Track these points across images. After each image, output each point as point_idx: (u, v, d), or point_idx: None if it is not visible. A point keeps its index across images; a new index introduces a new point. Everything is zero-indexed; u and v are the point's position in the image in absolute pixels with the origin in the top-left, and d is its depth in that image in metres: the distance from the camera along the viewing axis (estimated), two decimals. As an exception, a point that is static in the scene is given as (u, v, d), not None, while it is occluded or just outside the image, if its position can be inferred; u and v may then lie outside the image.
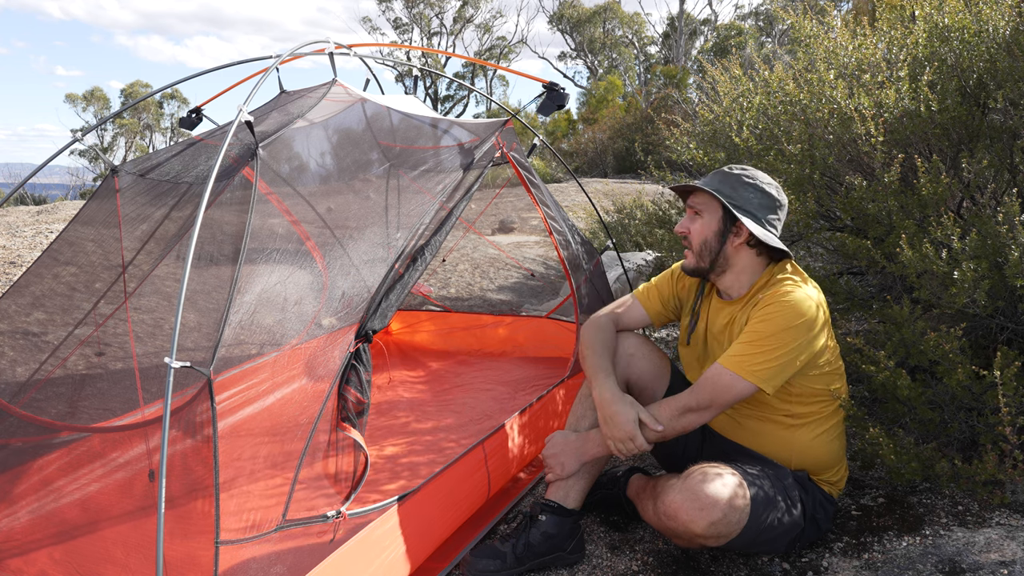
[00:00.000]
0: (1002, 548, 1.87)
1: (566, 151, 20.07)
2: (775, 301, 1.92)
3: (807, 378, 1.99)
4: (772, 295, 1.95)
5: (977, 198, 2.54)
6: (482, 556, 2.05)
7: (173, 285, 2.29)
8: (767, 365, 1.89)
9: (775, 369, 1.89)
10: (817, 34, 3.15)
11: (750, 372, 1.89)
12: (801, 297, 1.91)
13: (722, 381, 1.92)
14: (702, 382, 1.96)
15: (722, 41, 27.17)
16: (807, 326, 1.90)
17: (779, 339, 1.89)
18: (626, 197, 7.35)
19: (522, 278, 6.02)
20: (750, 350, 1.91)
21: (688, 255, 2.08)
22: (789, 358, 1.90)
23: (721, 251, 2.03)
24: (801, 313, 1.89)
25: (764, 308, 1.94)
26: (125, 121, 30.51)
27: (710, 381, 1.94)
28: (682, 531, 1.84)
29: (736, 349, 1.94)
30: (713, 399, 1.94)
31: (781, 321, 1.89)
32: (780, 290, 1.95)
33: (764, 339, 1.90)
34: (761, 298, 1.98)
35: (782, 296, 1.92)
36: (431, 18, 33.99)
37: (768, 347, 1.89)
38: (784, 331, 1.89)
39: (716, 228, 2.02)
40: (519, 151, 2.99)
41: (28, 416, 1.96)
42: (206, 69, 2.52)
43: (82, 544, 1.72)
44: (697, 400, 1.95)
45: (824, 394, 2.04)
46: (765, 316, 1.92)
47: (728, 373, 1.91)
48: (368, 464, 1.83)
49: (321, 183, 2.79)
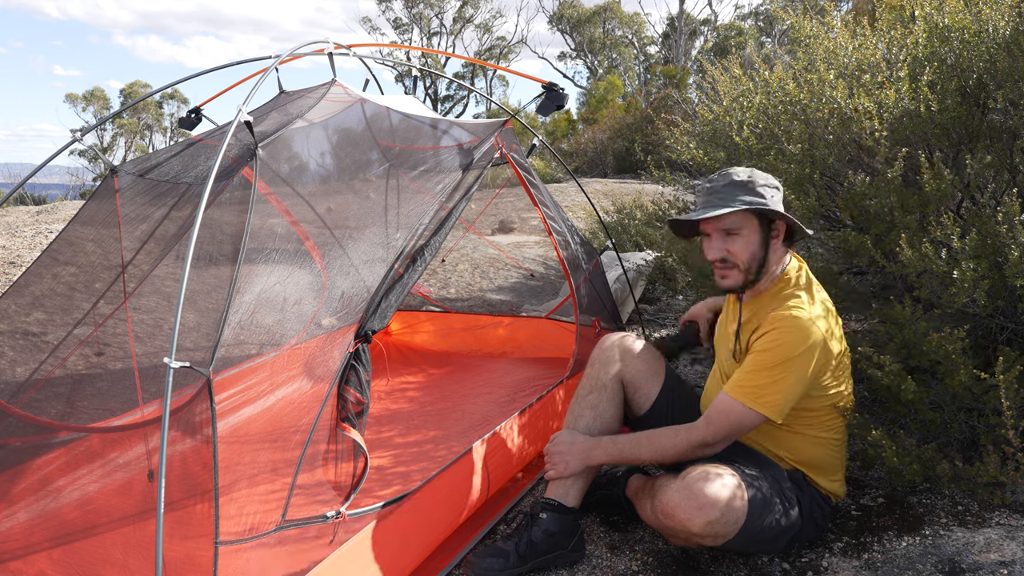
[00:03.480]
0: (1002, 548, 1.86)
1: (566, 151, 20.07)
2: (780, 326, 1.90)
3: (810, 398, 2.00)
4: (776, 318, 1.92)
5: (977, 198, 2.54)
6: (485, 556, 2.05)
7: (173, 285, 2.29)
8: (777, 396, 1.89)
9: (782, 401, 1.90)
10: (817, 34, 3.15)
11: (762, 404, 1.91)
12: (805, 321, 1.89)
13: (735, 414, 1.93)
14: (717, 417, 1.96)
15: (722, 41, 27.18)
16: (810, 351, 1.89)
17: (785, 368, 1.89)
18: (626, 197, 7.35)
19: (522, 278, 6.02)
20: (759, 380, 1.91)
21: (730, 275, 2.01)
22: (798, 386, 1.91)
23: (766, 257, 2.00)
24: (805, 339, 1.88)
25: (770, 334, 1.92)
26: (125, 121, 30.50)
27: (724, 415, 1.95)
28: (679, 530, 1.84)
29: (745, 379, 1.93)
30: (730, 434, 1.97)
31: (786, 350, 1.89)
32: (786, 312, 1.92)
33: (770, 369, 1.90)
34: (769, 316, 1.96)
35: (786, 321, 1.90)
36: (431, 18, 34.01)
37: (776, 377, 1.89)
38: (790, 360, 1.89)
39: (759, 239, 1.98)
40: (519, 151, 2.99)
41: (27, 416, 1.96)
42: (206, 69, 2.53)
43: (81, 544, 1.72)
44: (714, 435, 1.96)
45: (827, 412, 2.04)
46: (771, 344, 1.91)
47: (740, 406, 1.92)
48: (368, 464, 1.83)
49: (320, 183, 2.79)
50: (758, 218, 1.97)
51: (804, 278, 2.04)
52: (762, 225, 1.98)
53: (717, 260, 2.01)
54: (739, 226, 1.97)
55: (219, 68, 2.56)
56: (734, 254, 1.98)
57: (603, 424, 2.19)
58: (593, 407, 2.21)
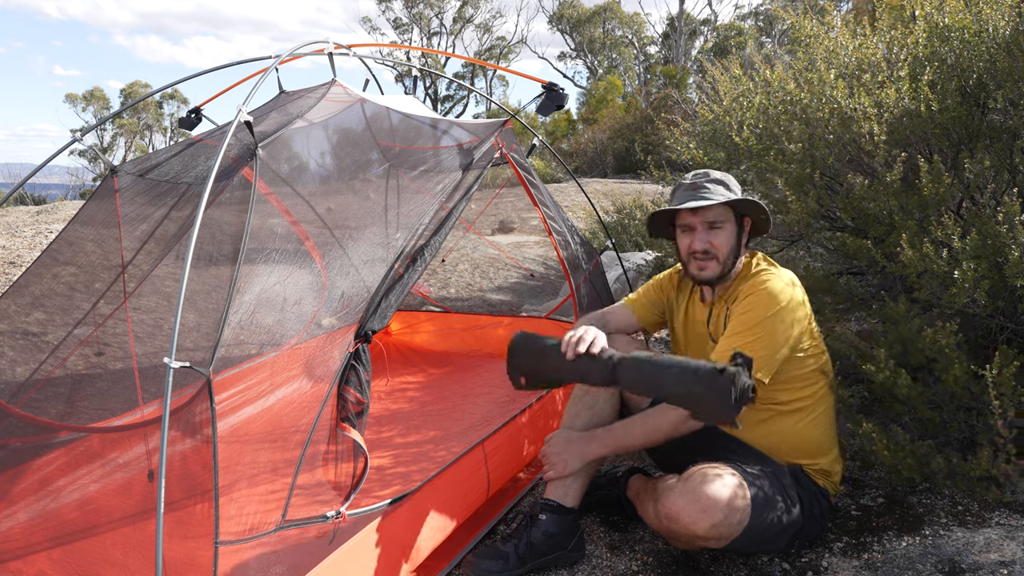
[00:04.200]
0: (1002, 548, 1.87)
1: (566, 151, 20.07)
2: (754, 291, 2.01)
3: (791, 362, 2.03)
4: (750, 286, 2.04)
5: (977, 198, 2.54)
6: (485, 557, 2.05)
7: (172, 285, 2.29)
8: (760, 354, 1.93)
9: (767, 357, 1.94)
10: (817, 34, 3.15)
11: None
12: (776, 283, 2.01)
13: None
14: None
15: (722, 41, 27.18)
16: (788, 309, 1.98)
17: (764, 327, 1.95)
18: (626, 197, 7.36)
19: (522, 278, 6.02)
20: (741, 341, 1.95)
21: (708, 266, 2.09)
22: (779, 343, 1.96)
23: (739, 251, 2.12)
24: (780, 298, 1.98)
25: (744, 300, 2.02)
26: (125, 121, 30.50)
27: None
28: (683, 533, 1.84)
29: (727, 344, 1.97)
30: None
31: (763, 309, 1.97)
32: (757, 280, 2.04)
33: (750, 329, 1.96)
34: (740, 291, 2.06)
35: (760, 285, 2.01)
36: (431, 18, 34.01)
37: (756, 336, 1.95)
38: (768, 318, 1.96)
39: (736, 232, 2.10)
40: (518, 151, 2.99)
41: (27, 416, 1.96)
42: (206, 69, 2.53)
43: (81, 544, 1.72)
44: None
45: (810, 379, 2.07)
46: (747, 307, 1.99)
47: None
48: (368, 464, 1.83)
49: (320, 183, 2.79)
50: (734, 213, 2.09)
51: (763, 261, 2.15)
52: (736, 220, 2.10)
53: (699, 251, 2.09)
54: (722, 219, 2.08)
55: (219, 68, 2.56)
56: (716, 246, 2.07)
57: (600, 423, 2.19)
58: (589, 407, 2.21)
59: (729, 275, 2.12)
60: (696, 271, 2.11)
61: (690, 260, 2.12)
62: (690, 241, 2.10)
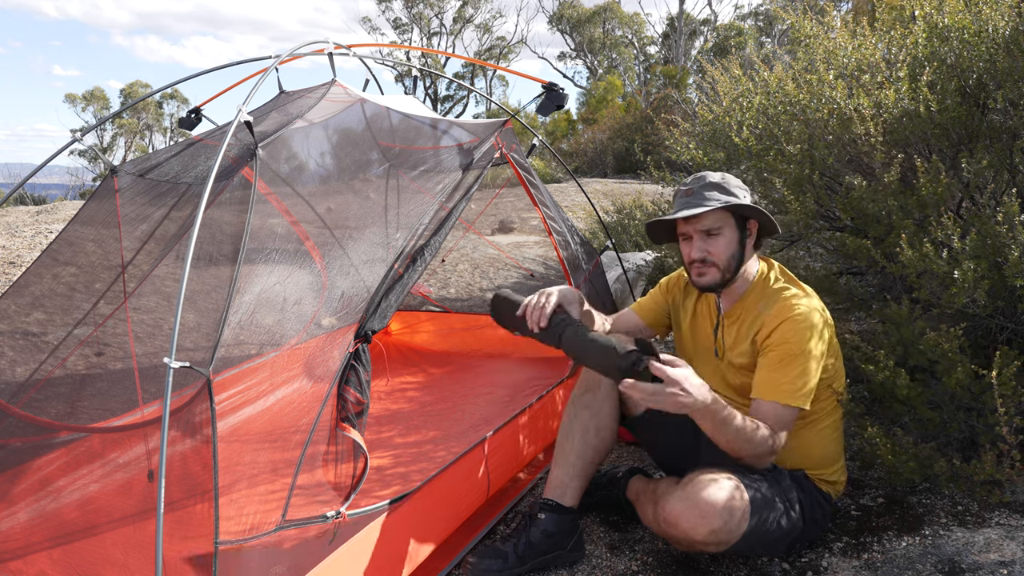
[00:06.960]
0: (1002, 548, 1.87)
1: (566, 151, 20.07)
2: (789, 318, 1.95)
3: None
4: (781, 311, 1.97)
5: (977, 198, 2.54)
6: (484, 557, 2.05)
7: (172, 285, 2.29)
8: (807, 386, 1.92)
9: (811, 386, 1.93)
10: (817, 34, 3.15)
11: (797, 397, 1.91)
12: (807, 307, 1.97)
13: (785, 415, 1.92)
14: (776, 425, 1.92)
15: (722, 41, 27.18)
16: (820, 334, 1.96)
17: (806, 356, 1.93)
18: (626, 197, 7.35)
19: (522, 278, 6.02)
20: (789, 375, 1.92)
21: (708, 273, 2.05)
22: (816, 369, 1.94)
23: (742, 256, 2.06)
24: (814, 323, 1.95)
25: (780, 329, 1.96)
26: (124, 121, 30.49)
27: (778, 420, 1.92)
28: (682, 538, 1.84)
29: (774, 378, 1.94)
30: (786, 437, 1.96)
31: (802, 338, 1.93)
32: (785, 304, 1.98)
33: (795, 359, 1.93)
34: (763, 309, 2.01)
35: (794, 312, 1.96)
36: (431, 18, 34.01)
37: (801, 367, 1.92)
38: (807, 348, 1.93)
39: (736, 237, 2.04)
40: (518, 151, 2.99)
41: (27, 416, 1.96)
42: (205, 69, 2.53)
43: (81, 544, 1.72)
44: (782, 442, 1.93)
45: (823, 392, 2.05)
46: (786, 337, 1.95)
47: (782, 408, 1.92)
48: (367, 464, 1.83)
49: (320, 183, 2.79)
50: (734, 217, 2.03)
51: (780, 273, 2.12)
52: (738, 224, 2.04)
53: (697, 260, 2.05)
54: (719, 225, 2.03)
55: (219, 68, 2.56)
56: (714, 254, 2.03)
57: (599, 422, 2.19)
58: (588, 406, 2.20)
59: (734, 280, 2.07)
60: (696, 278, 2.09)
61: (691, 267, 2.09)
62: (689, 249, 2.08)
